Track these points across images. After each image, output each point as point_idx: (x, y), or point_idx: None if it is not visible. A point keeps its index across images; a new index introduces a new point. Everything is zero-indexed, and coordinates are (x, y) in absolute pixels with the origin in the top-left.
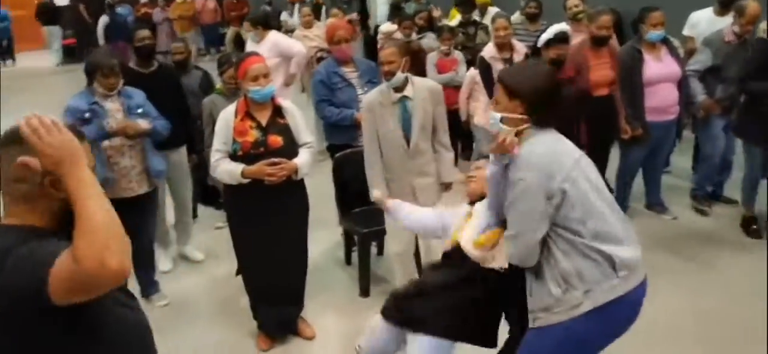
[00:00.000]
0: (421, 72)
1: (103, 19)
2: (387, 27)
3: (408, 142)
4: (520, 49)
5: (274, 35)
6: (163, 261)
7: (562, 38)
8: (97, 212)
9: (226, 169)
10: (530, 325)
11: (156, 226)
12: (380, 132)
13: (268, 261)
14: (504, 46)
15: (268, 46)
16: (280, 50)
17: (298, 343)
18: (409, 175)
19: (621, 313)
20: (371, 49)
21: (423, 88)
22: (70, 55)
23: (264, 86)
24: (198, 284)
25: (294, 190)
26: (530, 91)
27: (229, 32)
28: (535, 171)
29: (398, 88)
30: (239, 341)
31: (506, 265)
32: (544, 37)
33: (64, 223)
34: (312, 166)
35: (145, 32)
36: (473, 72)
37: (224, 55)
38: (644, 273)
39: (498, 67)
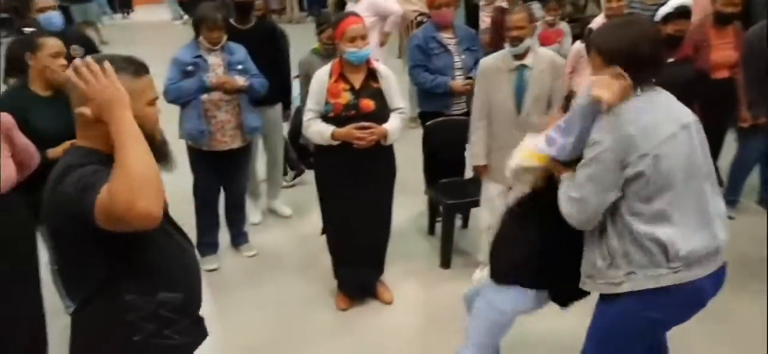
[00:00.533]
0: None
1: None
2: None
3: (518, 112)
4: None
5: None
6: (253, 213)
7: (682, 13)
8: (132, 156)
9: (317, 130)
10: (580, 285)
11: (248, 179)
12: (492, 98)
13: (352, 223)
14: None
15: (365, 5)
16: (377, 9)
17: (376, 306)
18: (514, 148)
19: (665, 305)
20: (472, 16)
21: (544, 59)
22: (188, 9)
23: (361, 48)
24: (284, 239)
25: (382, 155)
26: (622, 54)
27: None
28: (616, 137)
29: (519, 56)
30: (319, 297)
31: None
32: (663, 10)
33: None
34: (402, 133)
35: None
36: (579, 45)
37: (324, 15)
38: (715, 267)
39: None
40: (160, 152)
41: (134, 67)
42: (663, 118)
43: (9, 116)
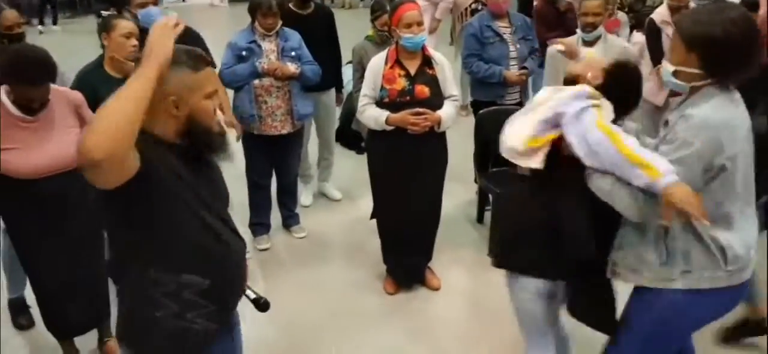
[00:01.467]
0: (571, 33)
1: None
2: None
3: None
4: None
5: None
6: (304, 195)
7: (750, 5)
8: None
9: (371, 115)
10: (608, 275)
11: (299, 163)
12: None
13: (402, 208)
14: (679, 10)
15: None
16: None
17: (423, 292)
18: None
19: (714, 304)
20: (525, 3)
21: (614, 49)
22: None
23: (416, 34)
24: (334, 221)
25: (435, 141)
26: (707, 41)
27: None
28: (706, 139)
29: (588, 43)
30: (367, 281)
31: (540, 167)
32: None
33: (190, 137)
34: (454, 120)
35: None
36: (638, 37)
37: (378, 2)
38: (751, 273)
39: (669, 32)
40: (217, 143)
41: (193, 61)
42: (740, 117)
43: (79, 93)
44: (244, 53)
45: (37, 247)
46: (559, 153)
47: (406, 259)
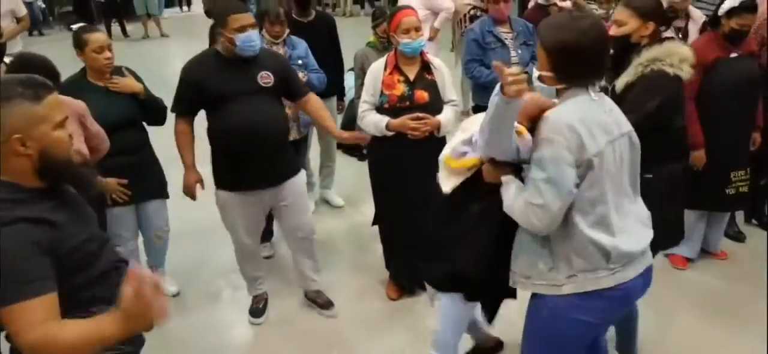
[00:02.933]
0: None
1: None
2: None
3: None
4: (698, 17)
5: None
6: None
7: (748, 6)
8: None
9: (372, 120)
10: (510, 283)
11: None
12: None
13: (404, 214)
14: (678, 13)
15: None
16: (430, 4)
17: (426, 298)
18: None
19: (608, 303)
20: (525, 8)
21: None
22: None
23: (414, 39)
24: (336, 228)
25: (435, 146)
26: (553, 46)
27: None
28: (566, 136)
29: None
30: (370, 286)
31: (448, 191)
32: (728, 4)
33: (48, 175)
34: (454, 125)
35: None
36: None
37: (379, 9)
38: (644, 267)
39: (669, 36)
40: (81, 176)
41: (33, 90)
42: (606, 122)
43: (82, 103)
44: None
45: None
46: (478, 184)
47: (409, 264)
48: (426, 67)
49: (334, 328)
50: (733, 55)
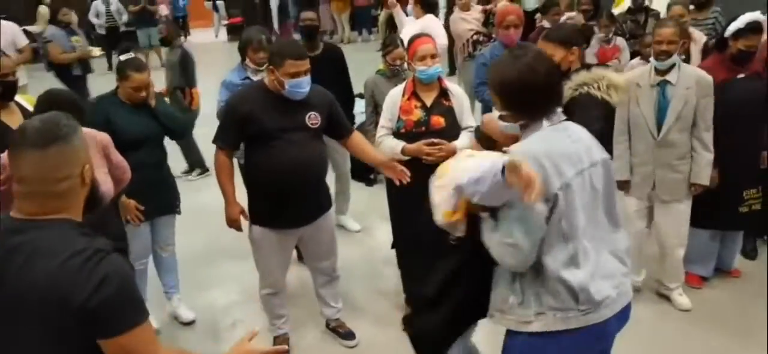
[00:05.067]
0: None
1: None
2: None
3: (659, 130)
4: (699, 38)
5: (427, 18)
6: None
7: (754, 28)
8: None
9: (388, 145)
10: (487, 316)
11: None
12: (632, 113)
13: (422, 239)
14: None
15: (419, 26)
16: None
17: None
18: (653, 165)
19: (570, 345)
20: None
21: (690, 76)
22: (233, 32)
23: (430, 66)
24: (352, 253)
25: None
26: (499, 86)
27: (382, 14)
28: (536, 170)
29: (661, 71)
30: (388, 313)
31: (463, 234)
32: (734, 25)
33: (89, 204)
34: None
35: (310, 13)
36: (637, 62)
37: (390, 37)
38: (621, 306)
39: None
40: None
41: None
42: (573, 152)
43: (106, 135)
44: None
45: None
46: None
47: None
48: (444, 93)
49: None
50: (740, 76)
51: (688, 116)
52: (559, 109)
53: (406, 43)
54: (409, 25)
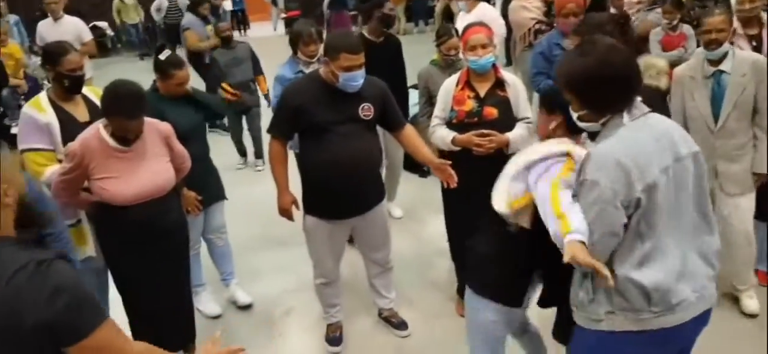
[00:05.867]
0: (645, 50)
1: None
2: None
3: (716, 121)
4: None
5: (482, 7)
6: None
7: None
8: None
9: (440, 135)
10: (573, 314)
11: None
12: (687, 107)
13: (471, 228)
14: (750, 21)
15: (474, 16)
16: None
17: None
18: (712, 158)
19: (641, 347)
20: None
21: (744, 63)
22: (291, 25)
23: (480, 57)
24: (405, 244)
25: (504, 162)
26: (573, 84)
27: (439, 5)
28: (611, 176)
29: (715, 62)
30: (440, 304)
31: (528, 227)
32: None
33: (23, 221)
34: (526, 142)
35: (391, 3)
36: (701, 50)
37: (444, 27)
38: (700, 311)
39: (741, 45)
40: (46, 214)
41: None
42: (656, 149)
43: (168, 125)
44: None
45: (129, 270)
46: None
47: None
48: (499, 83)
49: (412, 348)
50: None
51: (746, 104)
52: (639, 100)
53: (460, 32)
54: (464, 15)
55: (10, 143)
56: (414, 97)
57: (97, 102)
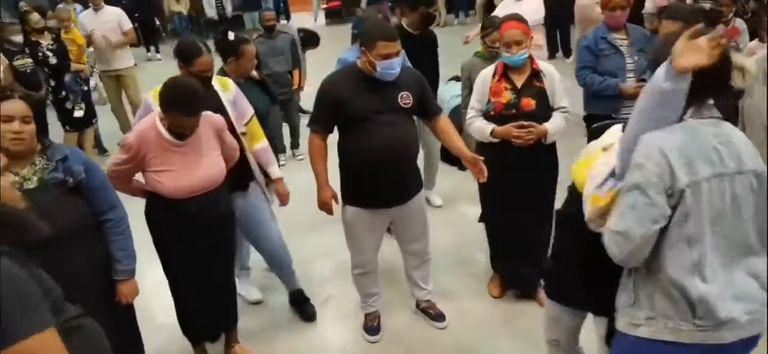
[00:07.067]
0: None
1: None
2: None
3: None
4: None
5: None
6: None
7: None
8: None
9: (478, 127)
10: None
11: None
12: (745, 104)
13: (511, 217)
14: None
15: (529, 5)
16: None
17: (529, 306)
18: None
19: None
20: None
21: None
22: (331, 16)
23: (514, 53)
24: (443, 235)
25: (544, 153)
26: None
27: None
28: (661, 161)
29: None
30: (477, 295)
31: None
32: None
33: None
34: (563, 131)
35: (437, 5)
36: (756, 44)
37: (489, 19)
38: (748, 334)
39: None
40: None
41: None
42: (714, 151)
43: (221, 118)
44: None
45: (179, 259)
46: None
47: (516, 267)
48: (535, 74)
49: (448, 339)
50: None
51: None
52: (711, 103)
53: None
54: (506, 5)
55: (72, 126)
56: (454, 89)
57: (221, 93)
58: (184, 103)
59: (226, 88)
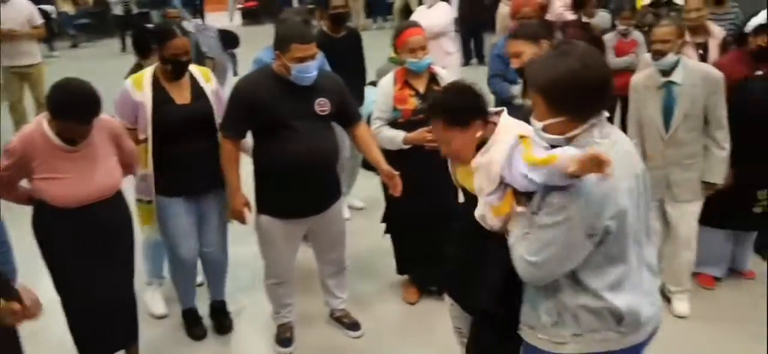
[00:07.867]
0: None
1: None
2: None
3: (667, 129)
4: (718, 33)
5: (441, 6)
6: None
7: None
8: None
9: (387, 136)
10: (519, 331)
11: None
12: (641, 115)
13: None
14: (697, 30)
15: (438, 13)
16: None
17: (445, 310)
18: (665, 166)
19: None
20: None
21: (695, 74)
22: (248, 17)
23: (421, 59)
24: (357, 242)
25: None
26: (547, 87)
27: (398, 1)
28: (581, 203)
29: (665, 72)
30: (391, 303)
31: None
32: (755, 21)
33: None
34: None
35: (340, 0)
36: (650, 56)
37: (400, 24)
38: (655, 326)
39: (689, 53)
40: None
41: None
42: (623, 170)
43: (119, 123)
44: None
45: (71, 272)
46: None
47: (425, 271)
48: (434, 79)
49: (363, 348)
50: (758, 73)
51: (696, 115)
52: (606, 114)
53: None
54: (420, 11)
55: None
56: (372, 94)
57: (203, 83)
58: (75, 108)
59: (207, 79)
